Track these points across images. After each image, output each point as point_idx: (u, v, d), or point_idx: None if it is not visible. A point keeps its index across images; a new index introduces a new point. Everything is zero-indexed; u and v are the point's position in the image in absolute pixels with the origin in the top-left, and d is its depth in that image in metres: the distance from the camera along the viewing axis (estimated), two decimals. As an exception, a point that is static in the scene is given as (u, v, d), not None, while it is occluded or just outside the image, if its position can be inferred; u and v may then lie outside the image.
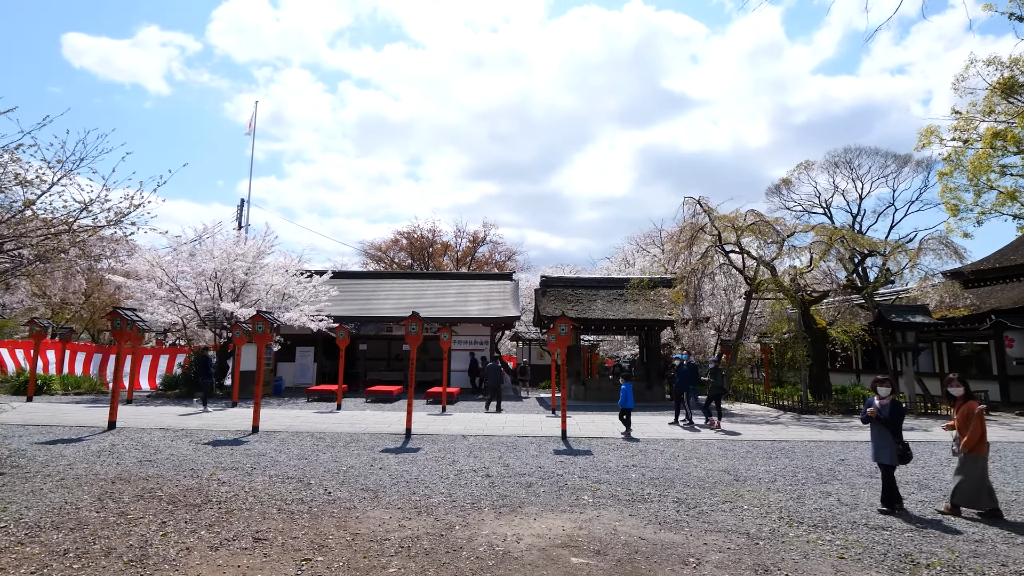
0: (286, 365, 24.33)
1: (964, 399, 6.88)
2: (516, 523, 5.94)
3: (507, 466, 8.84)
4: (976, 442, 6.65)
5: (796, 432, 13.10)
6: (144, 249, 20.15)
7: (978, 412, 6.71)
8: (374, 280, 28.45)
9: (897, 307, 19.43)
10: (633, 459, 9.66)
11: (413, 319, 11.79)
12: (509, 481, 7.82)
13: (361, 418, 14.45)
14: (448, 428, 12.91)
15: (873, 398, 6.97)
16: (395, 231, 47.10)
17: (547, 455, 9.87)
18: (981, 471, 6.65)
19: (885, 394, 6.93)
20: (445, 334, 17.12)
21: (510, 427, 13.22)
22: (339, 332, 17.10)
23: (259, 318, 11.80)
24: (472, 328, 24.62)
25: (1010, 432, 13.29)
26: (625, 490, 7.48)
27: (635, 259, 36.48)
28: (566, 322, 12.18)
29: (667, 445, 11.16)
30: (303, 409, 16.33)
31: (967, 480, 6.63)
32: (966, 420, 6.74)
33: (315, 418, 14.25)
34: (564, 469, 8.70)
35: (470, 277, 30.85)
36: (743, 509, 6.66)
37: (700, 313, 21.96)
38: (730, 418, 15.70)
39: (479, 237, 47.04)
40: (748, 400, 20.73)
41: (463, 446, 10.61)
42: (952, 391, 7.02)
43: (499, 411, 16.49)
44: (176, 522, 5.76)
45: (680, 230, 20.81)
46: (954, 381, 7.05)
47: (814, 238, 19.84)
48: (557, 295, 22.73)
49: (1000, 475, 8.71)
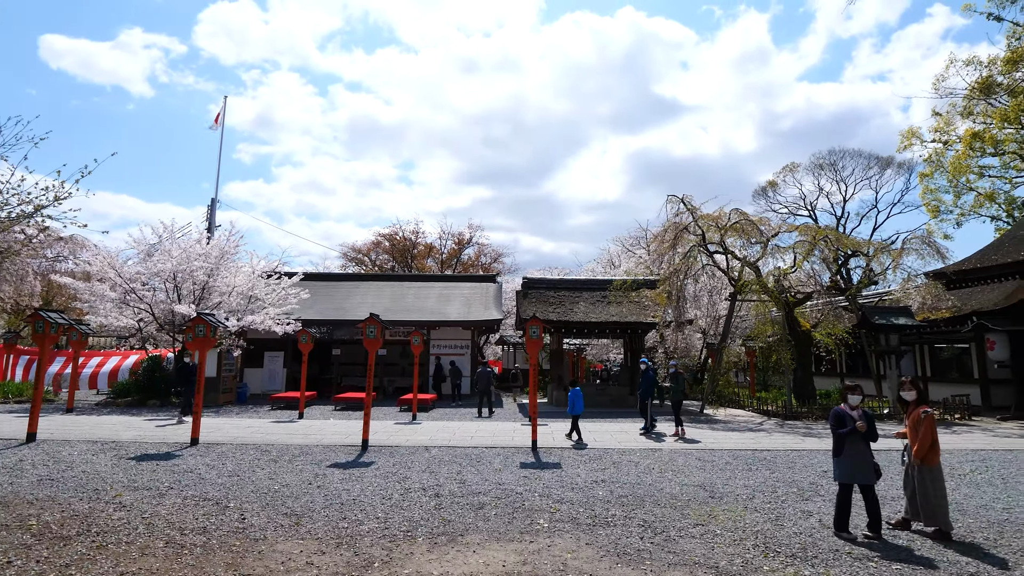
0: (253, 371, 23.37)
1: (916, 404, 6.25)
2: (449, 557, 5.14)
3: (463, 483, 8.04)
4: (927, 450, 6.01)
5: (779, 440, 12.42)
6: (100, 249, 19.12)
7: (925, 417, 6.04)
8: (350, 282, 27.52)
9: (881, 309, 18.89)
10: (604, 473, 8.89)
11: (371, 322, 10.96)
12: (459, 502, 7.02)
13: (320, 428, 13.58)
14: (412, 439, 12.08)
15: (842, 407, 6.20)
16: (377, 233, 45.98)
17: (511, 469, 9.09)
18: (939, 483, 6.00)
19: (856, 402, 6.23)
20: (416, 338, 16.28)
21: (480, 437, 12.42)
22: (301, 336, 16.18)
23: (200, 321, 10.91)
24: (452, 332, 23.81)
25: (994, 439, 12.69)
26: (588, 511, 6.71)
27: (621, 261, 35.85)
28: (538, 324, 11.42)
29: (643, 456, 10.41)
30: (262, 418, 15.42)
31: (922, 494, 6.01)
32: (916, 427, 6.11)
33: (270, 428, 13.36)
34: (526, 486, 7.92)
35: (451, 279, 30.02)
36: (715, 534, 5.91)
37: (684, 315, 21.31)
38: (713, 425, 15.01)
39: (464, 239, 46.02)
40: (732, 405, 20.09)
41: (422, 460, 9.79)
42: (905, 395, 6.39)
43: (491, 415, 16.61)
44: (25, 561, 4.85)
45: (664, 230, 20.17)
46: (907, 384, 6.42)
47: (798, 238, 19.28)
48: (539, 297, 21.97)
49: (988, 488, 8.06)
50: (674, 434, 12.87)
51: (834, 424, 6.14)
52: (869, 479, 5.96)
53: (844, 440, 6.02)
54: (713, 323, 25.42)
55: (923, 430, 6.03)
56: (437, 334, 23.68)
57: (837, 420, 6.13)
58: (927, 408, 6.19)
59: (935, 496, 5.97)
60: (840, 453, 6.07)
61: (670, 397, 13.52)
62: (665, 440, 12.22)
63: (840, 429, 6.06)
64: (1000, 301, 17.65)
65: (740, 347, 25.94)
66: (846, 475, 6.01)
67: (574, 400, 12.30)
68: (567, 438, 12.30)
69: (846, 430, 6.00)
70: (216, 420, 14.69)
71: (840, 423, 6.09)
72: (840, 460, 6.07)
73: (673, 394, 13.40)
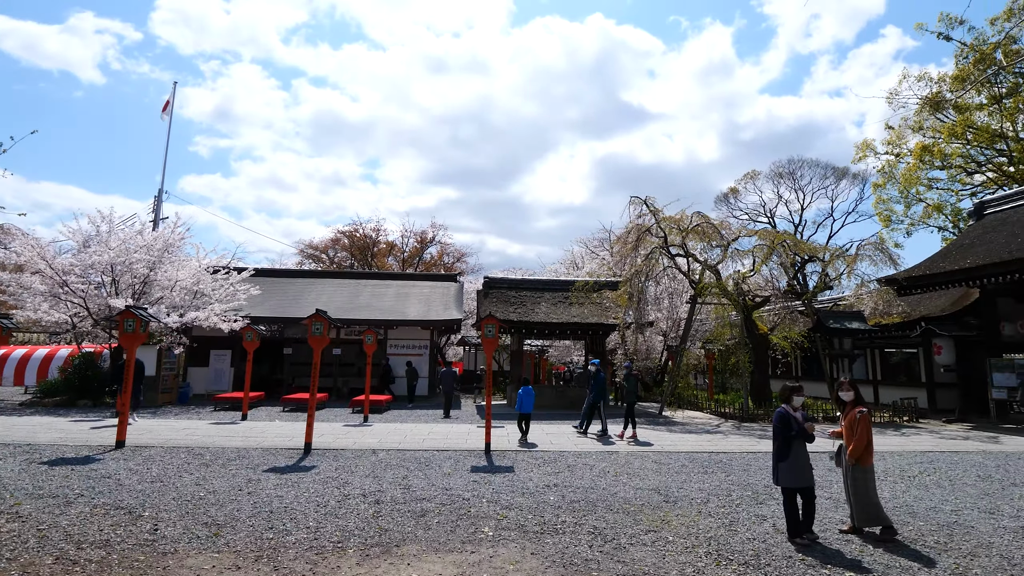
0: (199, 370, 22.31)
1: (852, 405, 6.17)
2: (380, 571, 4.70)
3: (407, 488, 7.59)
4: (862, 451, 5.93)
5: (735, 442, 12.33)
6: (30, 238, 17.88)
7: (860, 417, 5.94)
8: (305, 279, 26.61)
9: (835, 313, 19.19)
10: (558, 476, 8.56)
11: (317, 318, 10.40)
12: (400, 509, 6.57)
13: (263, 430, 12.90)
14: (360, 441, 11.54)
15: (786, 408, 5.96)
16: (336, 230, 44.64)
17: (461, 473, 8.67)
18: (871, 483, 5.99)
19: (800, 404, 6.08)
20: (369, 336, 15.70)
21: (432, 439, 11.96)
22: (246, 333, 15.41)
23: (129, 314, 10.15)
24: (410, 331, 23.21)
25: (940, 440, 12.90)
26: (537, 518, 6.35)
27: (584, 262, 35.80)
28: (494, 322, 11.04)
29: (599, 459, 10.13)
30: (202, 419, 14.61)
31: (855, 493, 5.96)
32: (852, 427, 6.02)
33: (208, 430, 12.62)
34: (474, 491, 7.52)
35: (411, 278, 29.37)
36: (668, 541, 5.63)
37: (645, 317, 21.27)
38: (671, 427, 14.90)
39: (427, 238, 45.16)
40: (691, 407, 20.11)
41: (367, 463, 9.29)
42: (843, 395, 6.30)
43: (448, 416, 16.34)
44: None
45: (627, 231, 20.07)
46: (845, 385, 6.33)
47: (757, 242, 19.44)
48: (500, 297, 21.61)
49: (937, 490, 8.04)
50: (623, 435, 12.65)
51: (781, 426, 5.86)
52: (812, 481, 5.80)
53: (792, 443, 5.82)
54: (674, 326, 25.51)
55: (859, 430, 5.94)
56: (395, 334, 23.07)
57: (784, 422, 5.87)
58: (862, 408, 6.08)
59: (867, 495, 5.93)
60: (787, 457, 5.83)
61: (625, 398, 13.27)
62: (614, 442, 11.97)
63: (788, 432, 5.84)
64: (947, 307, 18.12)
65: (700, 350, 26.13)
66: (794, 480, 5.79)
67: (523, 398, 12.06)
68: (522, 440, 11.95)
69: (795, 432, 5.80)
70: (151, 422, 13.84)
71: (787, 425, 5.86)
72: (787, 464, 5.83)
73: (627, 396, 13.17)
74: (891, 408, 17.00)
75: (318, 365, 10.54)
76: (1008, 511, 7.05)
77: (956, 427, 15.20)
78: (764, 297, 20.03)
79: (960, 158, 31.13)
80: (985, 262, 14.82)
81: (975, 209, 18.79)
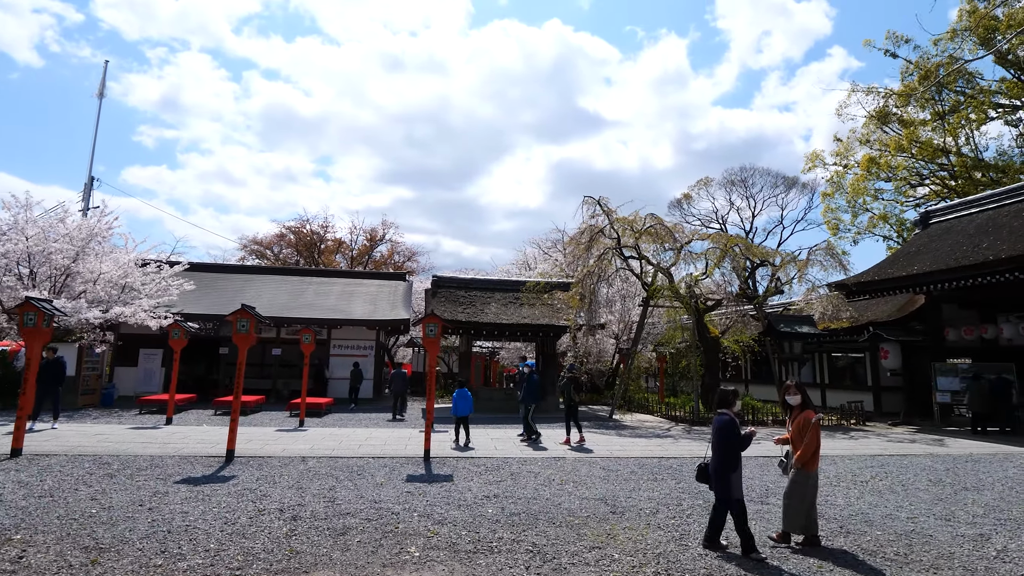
0: (128, 370, 20.90)
1: (800, 408, 5.89)
2: (280, 605, 4.04)
3: (332, 501, 6.88)
4: (810, 456, 5.67)
5: (686, 447, 12.04)
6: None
7: (814, 423, 5.69)
8: (244, 275, 25.29)
9: (786, 317, 19.32)
10: (499, 486, 7.99)
11: (242, 314, 9.54)
12: (319, 527, 5.88)
13: (186, 436, 11.90)
14: (291, 448, 10.71)
15: (728, 414, 5.57)
16: (281, 225, 42.82)
17: (395, 483, 8.01)
18: (813, 490, 5.72)
19: (739, 408, 5.78)
20: (307, 336, 14.81)
21: (369, 445, 11.22)
22: (173, 330, 14.30)
23: (29, 307, 9.07)
24: (356, 331, 22.30)
25: (889, 444, 12.94)
26: (472, 534, 5.77)
27: (537, 263, 35.41)
28: (435, 321, 10.40)
29: (544, 466, 9.62)
30: (122, 424, 13.47)
31: (797, 501, 5.66)
32: (801, 432, 5.74)
33: (125, 436, 11.55)
34: (406, 504, 6.88)
35: (357, 276, 28.39)
36: (613, 559, 5.13)
37: (597, 319, 20.97)
38: (620, 431, 14.55)
39: (377, 235, 43.90)
40: (642, 410, 19.89)
41: (294, 473, 8.51)
42: (790, 399, 6.00)
43: (400, 418, 16.09)
44: None
45: (580, 232, 19.73)
46: (791, 389, 6.04)
47: (710, 245, 19.39)
48: (448, 297, 20.93)
49: (891, 496, 7.85)
50: (567, 441, 12.17)
51: (732, 435, 5.45)
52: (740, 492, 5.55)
53: (740, 452, 5.48)
54: (626, 328, 25.37)
55: (809, 435, 5.66)
56: (339, 334, 22.13)
57: (734, 430, 5.49)
58: (814, 414, 5.79)
59: (803, 499, 5.65)
60: (736, 468, 5.48)
61: (564, 401, 12.77)
62: (549, 449, 11.43)
63: (739, 441, 5.47)
64: (893, 313, 18.45)
65: (651, 353, 26.07)
66: (740, 489, 5.48)
67: (458, 401, 11.62)
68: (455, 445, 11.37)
69: (745, 441, 5.47)
70: (63, 426, 12.63)
71: (737, 435, 5.49)
72: (735, 475, 5.47)
73: (564, 400, 12.69)
74: (839, 411, 17.15)
75: (243, 365, 9.68)
76: (963, 517, 6.87)
77: (902, 430, 15.39)
78: (716, 300, 20.02)
79: (905, 171, 32.20)
80: (932, 268, 15.07)
81: (921, 218, 19.25)
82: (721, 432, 5.53)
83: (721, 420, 5.57)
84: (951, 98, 30.04)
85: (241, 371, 9.66)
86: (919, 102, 30.77)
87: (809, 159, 37.50)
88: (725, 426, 5.53)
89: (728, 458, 5.49)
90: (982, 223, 16.58)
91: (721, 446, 5.52)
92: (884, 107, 32.65)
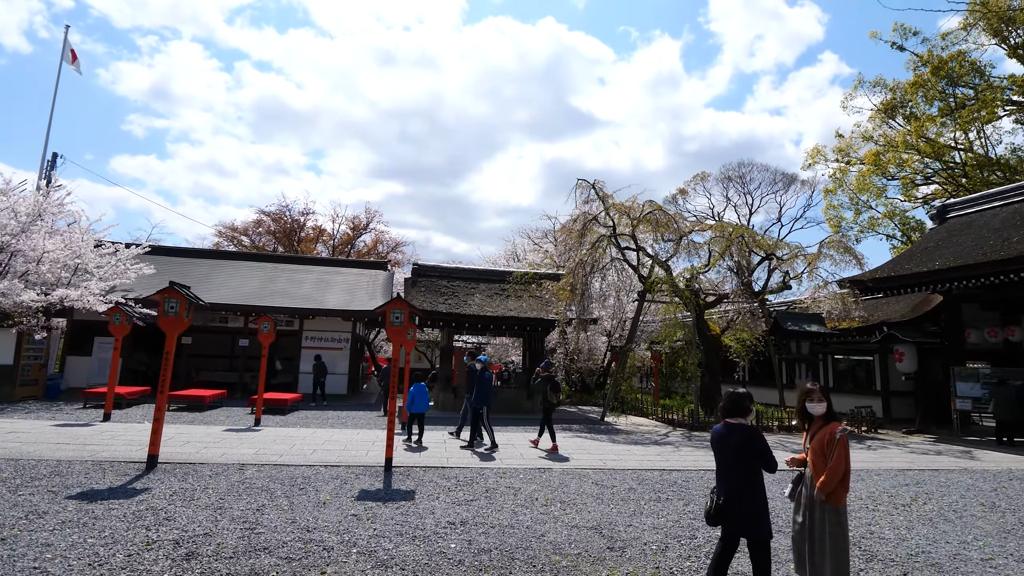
0: (80, 360, 19.24)
1: (824, 420, 4.36)
2: None
3: (252, 529, 5.39)
4: (837, 484, 4.19)
5: (689, 457, 10.62)
6: None
7: (840, 438, 4.18)
8: (213, 260, 23.61)
9: (793, 315, 17.99)
10: (470, 507, 6.53)
11: (170, 293, 7.99)
12: (218, 571, 4.38)
13: (117, 435, 10.38)
14: (232, 453, 9.18)
15: (750, 424, 4.23)
16: (259, 211, 40.66)
17: (342, 502, 6.53)
18: (846, 534, 4.27)
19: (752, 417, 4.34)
20: (266, 324, 13.28)
21: (326, 450, 9.72)
22: (114, 315, 12.72)
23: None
24: (329, 323, 20.74)
25: (913, 456, 11.54)
26: (423, 582, 4.30)
27: (527, 255, 33.90)
28: (401, 307, 8.90)
29: (526, 480, 8.15)
30: (51, 419, 11.90)
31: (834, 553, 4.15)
32: (824, 450, 4.23)
33: (42, 434, 9.98)
34: (346, 534, 5.39)
35: (335, 263, 26.75)
36: (612, 631, 3.68)
37: (588, 313, 19.54)
38: (614, 436, 13.12)
39: (360, 224, 42.06)
40: (636, 413, 18.47)
41: (222, 486, 7.00)
42: (812, 408, 4.40)
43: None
44: None
45: (573, 220, 18.29)
46: (815, 394, 4.42)
47: (712, 236, 18.00)
48: (429, 286, 19.39)
49: (945, 525, 6.45)
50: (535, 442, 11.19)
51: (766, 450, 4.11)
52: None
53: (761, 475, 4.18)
54: (619, 325, 23.94)
55: (836, 455, 4.15)
56: (312, 324, 20.56)
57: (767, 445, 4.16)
58: (843, 426, 4.30)
59: (840, 548, 4.17)
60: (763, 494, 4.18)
61: (541, 401, 11.38)
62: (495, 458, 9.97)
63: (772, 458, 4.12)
64: (906, 313, 17.14)
65: (646, 351, 24.69)
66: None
67: (415, 396, 10.79)
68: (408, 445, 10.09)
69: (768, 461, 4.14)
70: (-24, 421, 11.04)
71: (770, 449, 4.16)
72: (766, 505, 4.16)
73: (543, 398, 11.29)
74: (849, 417, 15.82)
75: (171, 354, 8.16)
76: (1047, 563, 5.48)
77: (919, 439, 14.07)
78: (717, 296, 18.61)
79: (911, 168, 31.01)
80: (957, 263, 13.74)
81: (938, 212, 17.94)
82: (750, 448, 4.10)
83: (745, 432, 4.13)
84: (961, 94, 28.84)
85: (169, 361, 8.15)
86: (928, 96, 29.60)
87: (810, 155, 36.24)
88: (754, 440, 4.11)
89: (760, 481, 4.10)
90: (1008, 216, 15.29)
91: (752, 468, 4.11)
92: (891, 100, 31.44)
